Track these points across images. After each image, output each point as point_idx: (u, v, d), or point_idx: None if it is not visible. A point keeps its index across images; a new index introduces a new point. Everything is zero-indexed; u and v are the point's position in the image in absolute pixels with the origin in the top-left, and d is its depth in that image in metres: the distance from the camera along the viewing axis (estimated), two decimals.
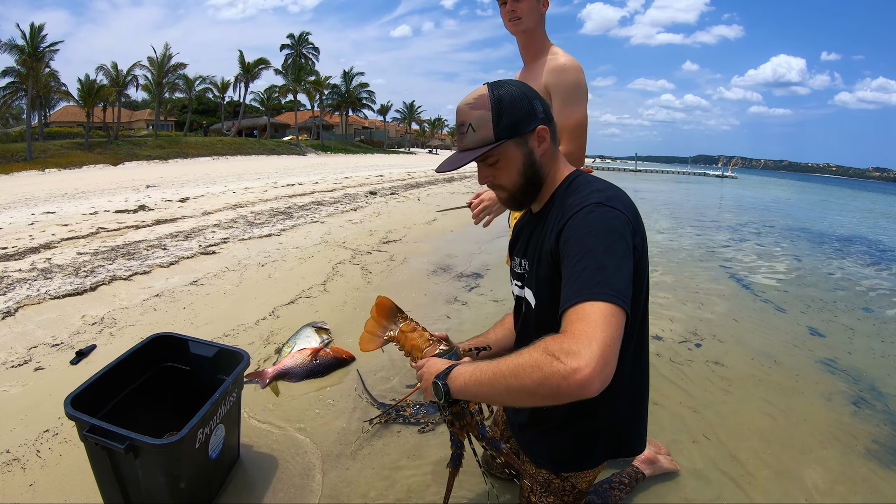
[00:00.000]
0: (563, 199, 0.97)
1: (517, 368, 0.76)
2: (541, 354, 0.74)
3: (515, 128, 0.94)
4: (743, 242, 7.42)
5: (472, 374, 0.86)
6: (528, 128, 0.95)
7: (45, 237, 4.70)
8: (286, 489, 1.51)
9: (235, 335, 2.63)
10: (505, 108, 0.93)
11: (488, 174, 1.01)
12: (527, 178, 0.99)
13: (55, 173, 13.89)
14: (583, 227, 0.86)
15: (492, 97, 0.93)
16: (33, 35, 18.99)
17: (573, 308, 0.76)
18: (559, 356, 0.72)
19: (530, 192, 1.02)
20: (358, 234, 5.61)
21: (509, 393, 0.78)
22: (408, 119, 52.02)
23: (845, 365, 2.79)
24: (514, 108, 0.93)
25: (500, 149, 0.95)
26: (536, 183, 1.01)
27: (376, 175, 15.72)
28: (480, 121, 0.94)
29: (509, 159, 0.97)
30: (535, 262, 1.02)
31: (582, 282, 0.78)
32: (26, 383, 2.04)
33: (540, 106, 0.96)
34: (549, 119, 0.98)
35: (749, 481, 1.67)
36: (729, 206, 15.19)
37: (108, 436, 1.13)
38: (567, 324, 0.76)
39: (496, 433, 1.45)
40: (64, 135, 22.16)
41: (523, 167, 0.98)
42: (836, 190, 41.82)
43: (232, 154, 23.86)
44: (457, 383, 0.88)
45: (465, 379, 0.87)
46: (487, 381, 0.82)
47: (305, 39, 35.62)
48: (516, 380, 0.76)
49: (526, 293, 1.07)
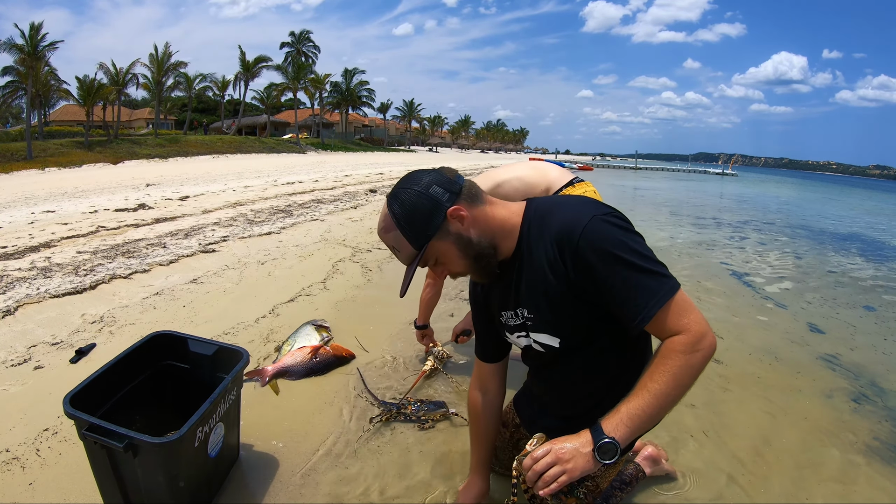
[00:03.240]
0: (540, 231, 0.95)
1: (674, 380, 0.84)
2: (681, 357, 0.85)
3: (426, 229, 0.93)
4: (743, 240, 7.41)
5: (633, 416, 0.85)
6: (438, 220, 0.93)
7: (44, 236, 4.70)
8: (286, 489, 1.51)
9: (235, 333, 2.62)
10: (408, 219, 0.93)
11: (440, 271, 1.01)
12: (472, 257, 0.97)
13: (55, 172, 13.88)
14: (603, 244, 0.87)
15: (392, 216, 0.94)
16: (33, 34, 18.95)
17: (660, 313, 0.86)
18: (696, 349, 0.85)
19: (487, 262, 0.99)
20: (358, 232, 5.60)
21: (676, 400, 0.87)
22: (408, 117, 51.93)
23: (846, 361, 2.79)
24: (415, 214, 0.93)
25: (428, 252, 0.96)
26: (486, 253, 0.98)
27: (376, 173, 15.71)
28: (397, 241, 0.96)
29: (444, 254, 0.97)
30: (542, 304, 0.99)
31: (645, 292, 0.86)
32: (26, 382, 2.04)
33: (439, 189, 0.93)
34: (457, 192, 0.94)
35: (749, 480, 1.67)
36: (729, 203, 15.17)
37: (108, 434, 1.12)
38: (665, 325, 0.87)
39: (505, 435, 1.44)
40: (64, 134, 22.12)
41: (461, 251, 0.96)
42: (836, 188, 41.75)
43: (232, 152, 23.84)
44: (621, 433, 0.84)
45: (627, 424, 0.85)
46: (655, 411, 0.85)
47: (306, 37, 35.55)
48: (680, 389, 0.85)
49: (539, 337, 1.05)
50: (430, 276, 2.33)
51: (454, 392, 2.15)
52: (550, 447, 0.87)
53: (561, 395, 1.15)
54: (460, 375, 2.28)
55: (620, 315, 0.90)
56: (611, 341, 1.01)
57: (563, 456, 0.85)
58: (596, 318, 0.96)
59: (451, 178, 0.96)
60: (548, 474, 0.85)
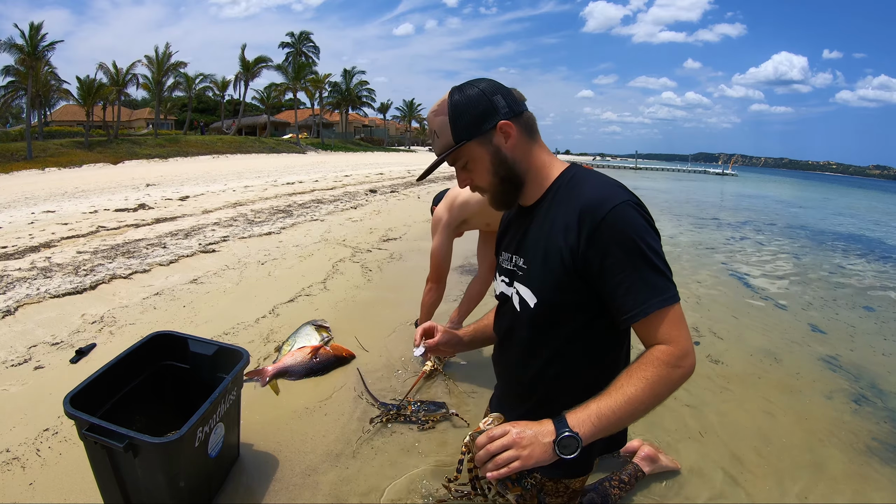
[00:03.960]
0: (569, 195, 0.94)
1: (651, 389, 0.83)
2: (663, 368, 0.84)
3: (473, 128, 0.93)
4: (743, 240, 7.42)
5: (602, 416, 0.82)
6: (488, 126, 0.93)
7: (44, 236, 4.70)
8: (286, 489, 1.51)
9: (235, 333, 2.63)
10: (461, 110, 0.93)
11: (465, 177, 1.00)
12: (500, 177, 0.97)
13: (55, 172, 13.88)
14: (626, 229, 0.86)
15: (449, 102, 0.94)
16: (33, 34, 18.96)
17: (657, 314, 0.85)
18: (678, 364, 0.84)
19: (509, 189, 0.99)
20: (358, 232, 5.61)
21: (646, 411, 0.85)
22: (408, 117, 51.91)
23: (846, 362, 2.79)
24: (470, 109, 0.92)
25: (463, 151, 0.95)
26: (514, 180, 0.98)
27: (376, 173, 15.71)
28: (441, 127, 0.94)
29: (476, 160, 0.96)
30: (537, 260, 0.98)
31: (651, 289, 0.85)
32: (26, 382, 2.04)
33: (502, 101, 0.94)
34: (517, 113, 0.95)
35: (749, 480, 1.67)
36: (729, 203, 15.17)
37: (108, 434, 1.12)
38: (657, 329, 0.86)
39: None
40: (64, 134, 22.13)
41: (492, 166, 0.96)
42: (836, 188, 41.76)
43: (232, 152, 23.84)
44: (586, 430, 0.81)
45: (594, 423, 0.81)
46: (625, 415, 0.83)
47: (306, 38, 35.55)
48: (654, 399, 0.84)
49: (520, 290, 1.02)
50: (432, 279, 2.32)
51: (454, 393, 2.15)
52: (509, 429, 0.83)
53: (509, 372, 1.13)
54: (460, 377, 2.28)
55: (615, 304, 0.87)
56: (578, 334, 0.97)
57: (521, 441, 0.81)
58: (578, 299, 0.93)
59: (518, 99, 0.97)
60: (500, 457, 0.81)
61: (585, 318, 0.95)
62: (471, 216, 2.22)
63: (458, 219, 2.22)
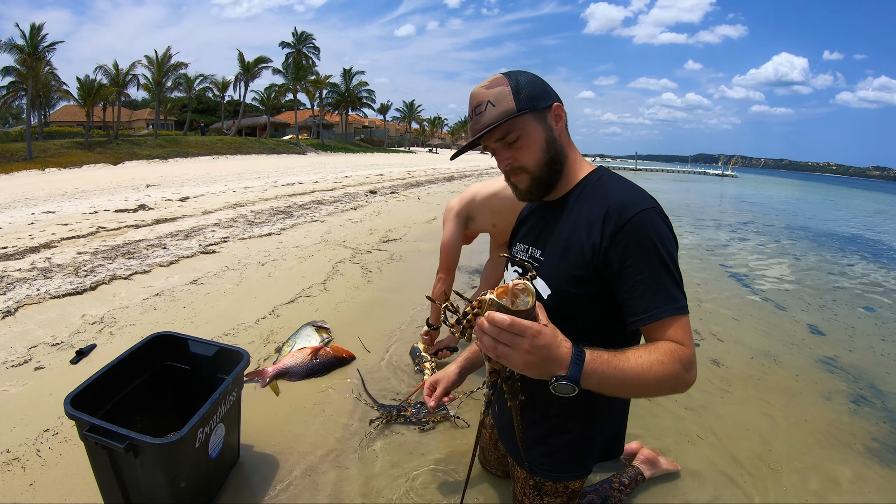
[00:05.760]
0: (597, 193, 0.95)
1: (661, 376, 0.80)
2: (679, 365, 0.81)
3: (535, 101, 0.94)
4: (743, 241, 7.42)
5: (612, 374, 0.78)
6: (547, 103, 0.95)
7: (44, 236, 4.70)
8: (286, 489, 1.51)
9: (235, 334, 2.63)
10: (523, 84, 0.94)
11: (508, 156, 0.97)
12: (550, 156, 0.97)
13: (55, 173, 13.87)
14: (650, 234, 0.87)
15: (509, 77, 0.95)
16: (33, 34, 18.97)
17: (668, 320, 0.85)
18: (689, 369, 0.82)
19: (554, 172, 0.99)
20: (358, 233, 5.61)
21: (642, 391, 0.84)
22: (408, 118, 51.92)
23: (845, 363, 2.79)
24: (530, 85, 0.94)
25: (520, 122, 0.93)
26: (559, 162, 0.98)
27: (376, 174, 15.71)
28: (499, 96, 0.93)
29: (530, 135, 0.95)
30: (555, 252, 0.98)
31: (666, 295, 0.85)
32: (26, 383, 2.04)
33: (552, 90, 0.97)
34: (562, 103, 0.99)
35: (748, 481, 1.67)
36: (729, 204, 15.18)
37: (108, 435, 1.13)
38: (666, 334, 0.85)
39: (485, 436, 1.46)
40: (64, 134, 22.12)
41: (546, 143, 0.96)
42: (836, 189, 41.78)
43: (232, 153, 23.82)
44: (591, 381, 0.77)
45: (600, 376, 0.77)
46: (631, 383, 0.79)
47: (306, 38, 35.57)
48: (658, 386, 0.81)
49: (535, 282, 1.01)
50: (442, 269, 2.26)
51: (454, 394, 2.15)
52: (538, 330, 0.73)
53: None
54: None
55: (629, 305, 0.87)
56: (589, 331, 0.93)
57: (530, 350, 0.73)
58: (591, 295, 0.93)
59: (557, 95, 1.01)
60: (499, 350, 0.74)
61: (595, 317, 0.96)
62: (478, 212, 2.25)
63: (468, 210, 2.26)
